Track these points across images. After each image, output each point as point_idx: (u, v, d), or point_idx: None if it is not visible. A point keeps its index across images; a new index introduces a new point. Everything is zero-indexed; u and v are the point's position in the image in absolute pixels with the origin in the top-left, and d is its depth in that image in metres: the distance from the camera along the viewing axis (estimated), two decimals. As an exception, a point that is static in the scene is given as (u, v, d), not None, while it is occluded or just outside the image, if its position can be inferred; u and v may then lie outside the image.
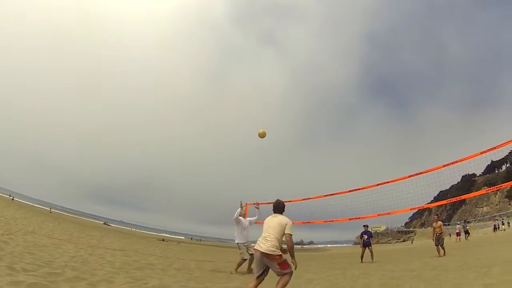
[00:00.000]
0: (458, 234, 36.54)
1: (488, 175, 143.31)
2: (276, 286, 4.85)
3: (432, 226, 16.50)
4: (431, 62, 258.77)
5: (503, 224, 46.74)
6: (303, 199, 13.55)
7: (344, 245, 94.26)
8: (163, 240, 37.35)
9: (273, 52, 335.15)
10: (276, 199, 5.82)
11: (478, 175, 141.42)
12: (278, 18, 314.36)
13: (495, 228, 45.43)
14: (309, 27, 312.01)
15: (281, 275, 4.93)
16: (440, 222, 15.67)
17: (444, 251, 14.50)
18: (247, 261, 9.17)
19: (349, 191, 12.20)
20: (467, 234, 35.22)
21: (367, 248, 15.01)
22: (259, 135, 10.22)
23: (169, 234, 79.64)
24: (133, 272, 7.30)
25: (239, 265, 9.40)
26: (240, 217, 9.64)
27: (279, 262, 4.93)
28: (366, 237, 15.46)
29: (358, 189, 11.97)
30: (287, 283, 4.90)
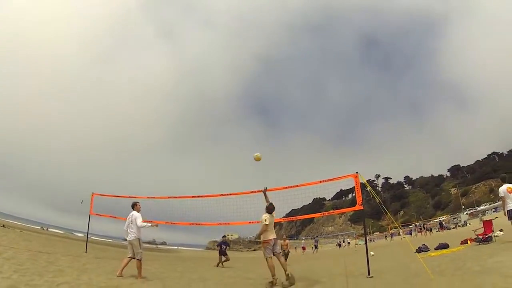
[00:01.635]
0: (303, 248, 40.71)
1: (336, 200, 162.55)
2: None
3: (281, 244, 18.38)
4: (310, 98, 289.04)
5: (343, 241, 56.22)
6: (169, 197, 13.41)
7: (195, 249, 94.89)
8: (3, 226, 32.36)
9: (168, 45, 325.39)
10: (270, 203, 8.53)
11: (327, 199, 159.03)
12: (182, 13, 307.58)
13: (339, 245, 54.96)
14: (212, 33, 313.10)
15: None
16: (287, 241, 18.10)
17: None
18: None
19: (210, 196, 12.13)
20: (316, 248, 39.63)
21: (223, 256, 16.24)
22: (255, 158, 10.02)
23: (15, 220, 69.08)
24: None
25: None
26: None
27: None
28: (224, 247, 16.82)
29: (219, 195, 11.91)
30: None
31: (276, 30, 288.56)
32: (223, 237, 17.23)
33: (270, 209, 8.33)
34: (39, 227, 67.20)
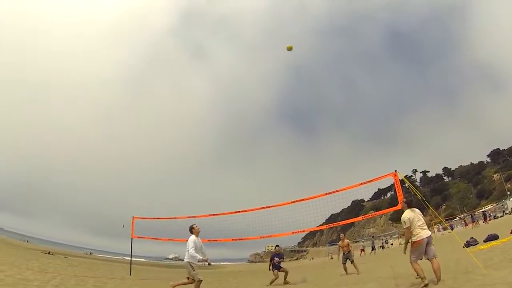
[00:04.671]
0: (362, 250, 40.77)
1: (375, 200, 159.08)
2: None
3: (338, 245, 14.94)
4: (343, 99, 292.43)
5: (386, 242, 53.93)
6: (209, 215, 13.72)
7: (237, 263, 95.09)
8: (48, 253, 33.54)
9: (201, 65, 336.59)
10: None
11: (366, 200, 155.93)
12: (211, 33, 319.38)
13: (382, 246, 52.06)
14: (239, 47, 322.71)
15: None
16: (347, 241, 14.27)
17: (346, 271, 13.25)
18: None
19: (248, 210, 12.44)
20: (373, 250, 39.71)
21: (277, 270, 13.01)
22: (288, 48, 11.03)
23: (59, 247, 71.45)
24: (4, 290, 6.54)
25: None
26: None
27: None
28: (277, 260, 13.31)
29: (258, 208, 12.21)
30: None
31: (303, 37, 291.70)
32: (276, 246, 13.90)
33: (410, 202, 7.11)
34: (84, 252, 69.40)
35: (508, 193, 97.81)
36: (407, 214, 6.89)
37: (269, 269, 13.30)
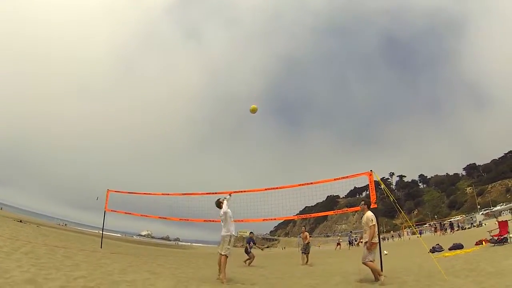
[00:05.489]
0: (338, 244, 41.44)
1: (350, 198, 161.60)
2: None
3: (300, 237, 17.78)
4: (331, 97, 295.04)
5: (355, 240, 54.32)
6: (183, 194, 13.55)
7: (209, 245, 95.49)
8: (20, 221, 32.68)
9: (194, 47, 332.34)
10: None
11: (341, 197, 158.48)
12: (208, 15, 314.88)
13: (350, 243, 51.81)
14: (235, 33, 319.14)
15: None
16: (306, 233, 17.10)
17: (307, 260, 15.86)
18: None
19: (223, 192, 12.08)
20: (350, 244, 40.33)
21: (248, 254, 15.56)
22: (251, 110, 10.10)
23: (33, 216, 70.23)
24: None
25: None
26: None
27: None
28: (251, 244, 16.19)
29: (232, 192, 11.93)
30: None
31: (299, 31, 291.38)
32: (250, 233, 17.05)
33: (369, 203, 7.74)
34: (57, 223, 68.55)
35: (479, 207, 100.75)
36: (372, 213, 7.39)
37: (245, 252, 15.49)
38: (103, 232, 17.66)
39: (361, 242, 7.29)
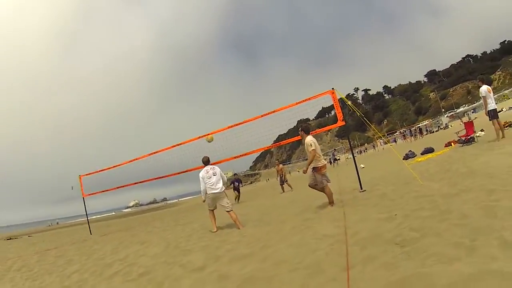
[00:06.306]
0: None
1: (320, 119, 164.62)
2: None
3: (276, 170, 19.26)
4: (287, 24, 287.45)
5: (334, 158, 55.82)
6: (149, 154, 13.14)
7: (195, 196, 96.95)
8: (10, 238, 31.17)
9: (138, 11, 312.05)
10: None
11: (311, 119, 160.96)
12: None
13: (330, 162, 53.44)
14: None
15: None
16: (281, 166, 18.56)
17: (283, 190, 17.68)
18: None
19: (196, 138, 11.76)
20: (335, 161, 43.16)
21: (237, 192, 18.09)
22: (207, 139, 10.19)
23: (26, 227, 68.74)
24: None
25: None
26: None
27: None
28: (237, 184, 18.32)
29: (199, 137, 11.52)
30: None
31: None
32: (234, 174, 18.54)
33: (306, 129, 7.58)
34: (47, 225, 67.66)
35: (443, 110, 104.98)
36: (312, 138, 7.27)
37: (233, 190, 17.97)
38: (89, 218, 17.72)
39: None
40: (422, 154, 14.74)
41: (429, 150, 14.74)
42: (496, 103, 10.62)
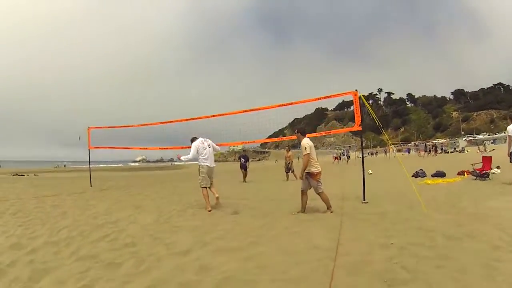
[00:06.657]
0: (336, 158, 43.04)
1: (338, 111, 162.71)
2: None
3: (284, 156, 18.66)
4: (323, 8, 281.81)
5: (343, 155, 55.61)
6: (161, 123, 13.81)
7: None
8: (16, 174, 31.66)
9: None
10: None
11: (330, 109, 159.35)
12: None
13: (336, 158, 53.58)
14: None
15: None
16: (290, 152, 18.08)
17: (287, 178, 17.41)
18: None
19: (216, 115, 11.63)
20: (348, 158, 42.71)
21: (244, 170, 17.89)
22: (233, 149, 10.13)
23: (36, 165, 69.87)
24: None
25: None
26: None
27: None
28: (243, 161, 18.25)
29: (226, 114, 11.49)
30: None
31: None
32: (243, 151, 18.39)
33: (303, 131, 7.35)
34: (54, 166, 68.80)
35: (463, 132, 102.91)
36: (308, 141, 7.04)
37: (240, 168, 18.19)
38: (97, 166, 18.36)
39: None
40: (432, 176, 14.44)
41: (441, 174, 14.41)
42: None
